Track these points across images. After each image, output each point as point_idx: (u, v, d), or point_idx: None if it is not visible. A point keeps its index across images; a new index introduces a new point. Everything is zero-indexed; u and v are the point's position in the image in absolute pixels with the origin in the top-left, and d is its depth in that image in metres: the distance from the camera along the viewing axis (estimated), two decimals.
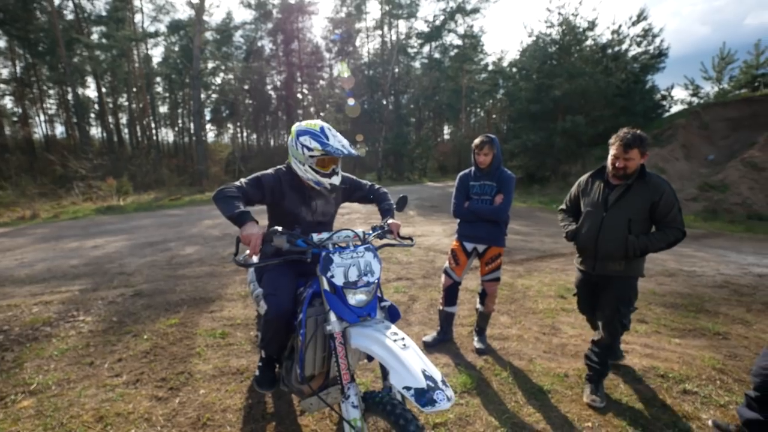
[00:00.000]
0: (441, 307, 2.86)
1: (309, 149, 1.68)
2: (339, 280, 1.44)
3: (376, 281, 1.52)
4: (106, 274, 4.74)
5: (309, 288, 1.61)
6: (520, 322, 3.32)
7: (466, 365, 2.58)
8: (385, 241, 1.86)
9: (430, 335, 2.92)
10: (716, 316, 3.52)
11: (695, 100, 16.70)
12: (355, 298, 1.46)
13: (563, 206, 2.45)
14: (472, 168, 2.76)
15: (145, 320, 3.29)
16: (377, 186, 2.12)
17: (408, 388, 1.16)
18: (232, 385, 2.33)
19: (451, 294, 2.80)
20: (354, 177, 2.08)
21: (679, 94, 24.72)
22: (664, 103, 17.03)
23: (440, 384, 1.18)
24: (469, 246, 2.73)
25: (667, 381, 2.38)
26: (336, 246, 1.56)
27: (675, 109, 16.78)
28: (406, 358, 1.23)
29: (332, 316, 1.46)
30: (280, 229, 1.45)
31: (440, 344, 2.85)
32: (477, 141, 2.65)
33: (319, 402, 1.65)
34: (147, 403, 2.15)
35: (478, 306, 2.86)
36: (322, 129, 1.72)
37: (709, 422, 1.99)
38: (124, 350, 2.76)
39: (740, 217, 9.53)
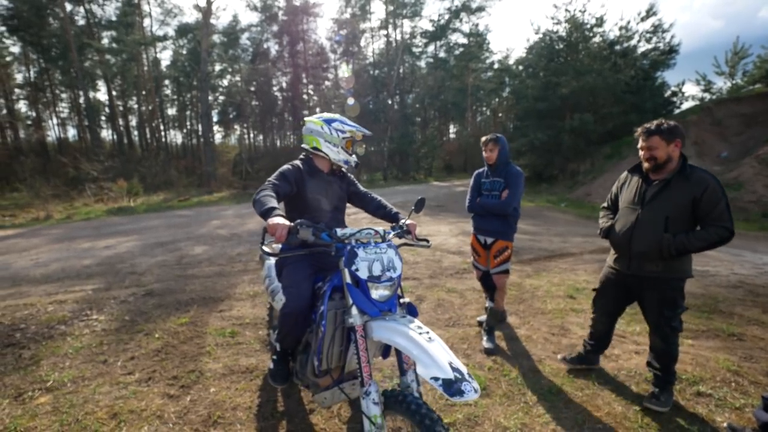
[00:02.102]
0: (487, 305, 2.97)
1: (342, 132, 1.93)
2: (363, 274, 1.47)
3: (398, 277, 1.55)
4: (118, 273, 4.82)
5: (329, 282, 1.64)
6: (528, 322, 3.29)
7: (475, 365, 2.57)
8: (403, 240, 1.90)
9: (486, 341, 2.80)
10: (731, 316, 3.44)
11: (707, 96, 16.35)
12: (378, 292, 1.48)
13: (605, 204, 2.35)
14: (486, 167, 2.95)
15: (157, 319, 3.35)
16: (373, 194, 2.23)
17: (436, 379, 1.18)
18: (242, 383, 2.35)
19: (487, 284, 2.94)
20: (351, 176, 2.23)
21: (691, 90, 24.31)
22: (675, 99, 16.72)
23: (467, 376, 1.20)
24: (482, 239, 2.91)
25: (680, 383, 2.34)
26: (358, 242, 1.60)
27: (686, 105, 16.49)
28: (432, 350, 1.25)
29: (354, 310, 1.48)
30: (305, 221, 1.48)
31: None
32: (483, 138, 2.88)
33: (332, 396, 1.67)
34: (159, 400, 2.18)
35: (488, 303, 2.90)
36: (342, 117, 2.01)
37: (725, 425, 1.95)
38: (137, 348, 2.81)
39: (755, 216, 9.28)
